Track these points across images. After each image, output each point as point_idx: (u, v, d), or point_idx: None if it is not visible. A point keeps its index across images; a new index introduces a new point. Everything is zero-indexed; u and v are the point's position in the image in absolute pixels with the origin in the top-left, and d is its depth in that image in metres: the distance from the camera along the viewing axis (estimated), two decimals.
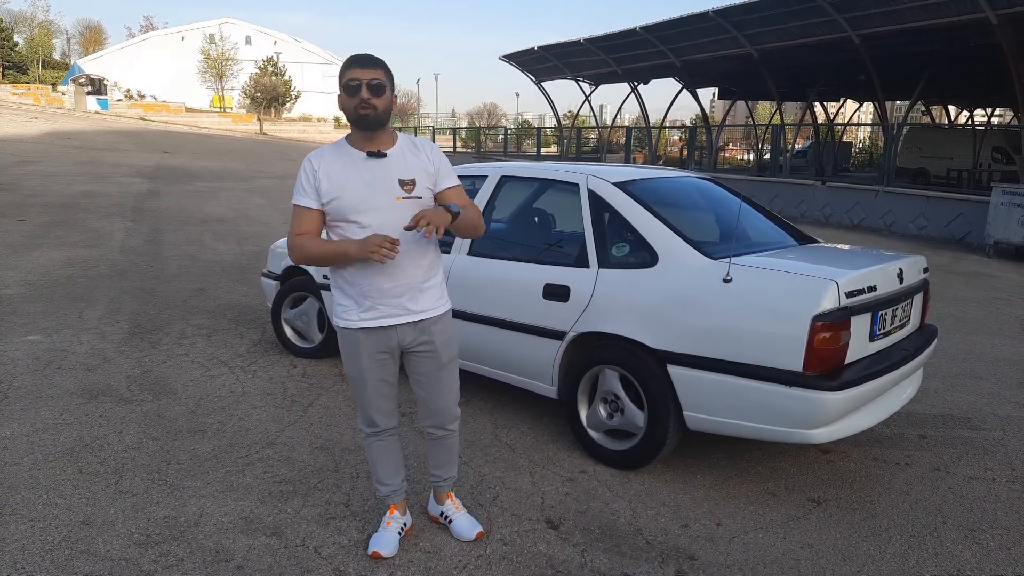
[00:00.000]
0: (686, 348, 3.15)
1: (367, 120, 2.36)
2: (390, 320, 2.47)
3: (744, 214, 3.92)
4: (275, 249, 5.33)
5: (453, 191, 2.51)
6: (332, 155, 2.45)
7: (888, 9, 14.89)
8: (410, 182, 2.42)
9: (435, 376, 2.62)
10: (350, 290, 2.48)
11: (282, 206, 14.11)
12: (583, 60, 26.39)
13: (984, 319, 6.93)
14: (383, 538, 2.71)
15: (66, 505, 2.95)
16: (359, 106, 2.33)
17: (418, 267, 2.48)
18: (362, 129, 2.41)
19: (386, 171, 2.41)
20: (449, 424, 2.74)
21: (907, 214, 13.94)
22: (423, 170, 2.46)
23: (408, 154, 2.47)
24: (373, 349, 2.51)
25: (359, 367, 2.54)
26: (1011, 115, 30.32)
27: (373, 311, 2.46)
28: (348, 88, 2.34)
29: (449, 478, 2.86)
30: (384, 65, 2.39)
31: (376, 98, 2.34)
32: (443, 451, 2.80)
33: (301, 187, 2.43)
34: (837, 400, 2.91)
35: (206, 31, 54.79)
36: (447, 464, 2.83)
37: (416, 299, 2.49)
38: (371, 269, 2.41)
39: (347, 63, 2.37)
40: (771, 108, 34.76)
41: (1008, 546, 2.89)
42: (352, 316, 2.48)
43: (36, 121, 32.51)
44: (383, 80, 2.36)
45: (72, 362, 4.71)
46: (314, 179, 2.41)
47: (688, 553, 2.77)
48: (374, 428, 2.67)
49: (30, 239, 9.28)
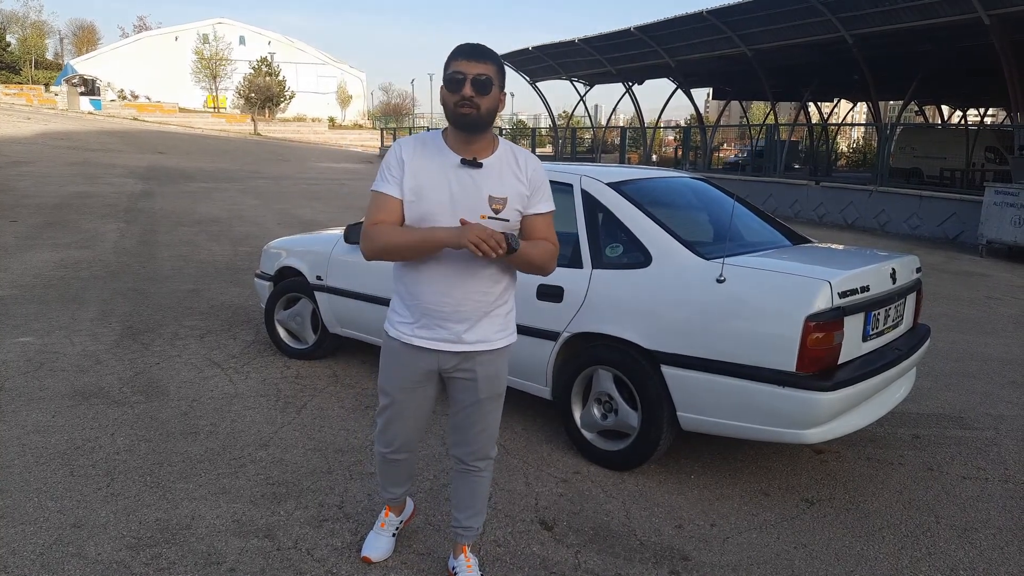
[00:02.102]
0: (680, 348, 3.15)
1: (467, 120, 2.11)
2: (441, 345, 2.25)
3: (737, 214, 3.93)
4: (269, 250, 5.31)
5: (540, 220, 2.25)
6: (425, 150, 2.20)
7: (882, 9, 14.96)
8: (501, 200, 2.16)
9: (470, 409, 2.37)
10: (412, 303, 2.26)
11: (276, 207, 14.09)
12: (578, 60, 26.42)
13: (977, 318, 6.95)
14: (376, 541, 2.67)
15: (57, 508, 2.93)
16: (460, 103, 2.08)
17: (487, 294, 2.24)
18: (461, 130, 2.15)
19: (478, 184, 2.15)
20: (476, 461, 2.45)
21: (900, 214, 13.98)
22: (517, 189, 2.20)
23: (506, 168, 2.20)
24: (412, 368, 2.31)
25: (392, 383, 2.35)
26: (1004, 115, 30.44)
27: (427, 330, 2.24)
28: (451, 82, 2.08)
29: (469, 528, 2.53)
30: (496, 59, 2.13)
31: (481, 96, 2.08)
32: (467, 489, 2.50)
33: (387, 172, 2.19)
34: (830, 400, 2.91)
35: (200, 31, 54.67)
36: (469, 508, 2.51)
37: (475, 328, 2.25)
38: (437, 286, 2.19)
39: (454, 53, 2.11)
40: (765, 108, 34.82)
41: (1001, 545, 2.90)
42: (405, 329, 2.28)
43: (29, 122, 32.38)
44: (492, 77, 2.09)
45: (64, 364, 4.68)
46: (400, 169, 2.17)
47: (682, 554, 2.77)
48: (388, 448, 2.48)
49: (22, 240, 9.24)
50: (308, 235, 5.42)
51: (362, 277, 4.37)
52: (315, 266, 4.76)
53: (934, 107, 31.19)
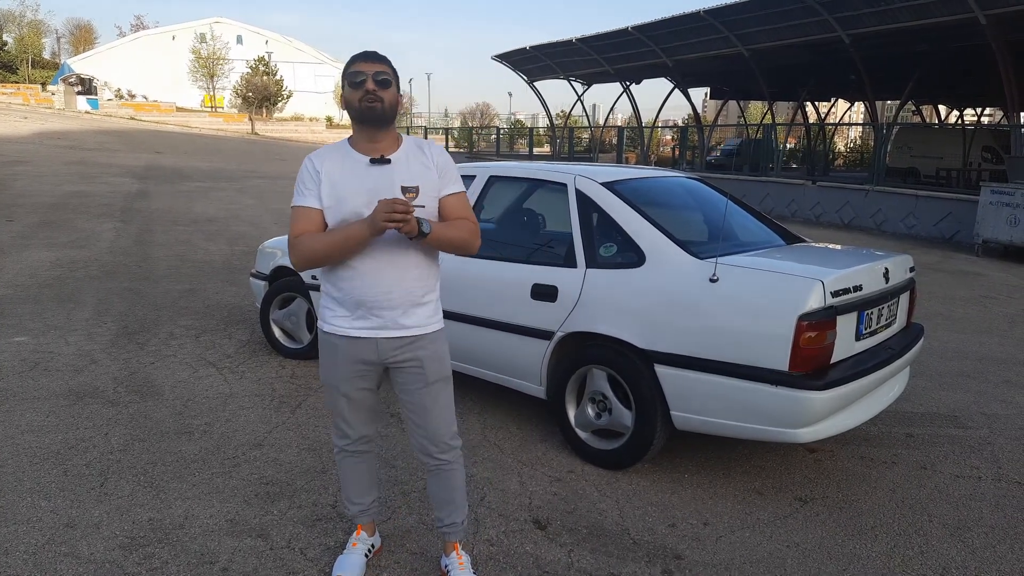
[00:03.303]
0: (673, 348, 3.16)
1: (374, 114, 2.25)
2: (380, 332, 2.33)
3: (732, 214, 3.93)
4: (264, 249, 5.31)
5: (454, 199, 2.36)
6: (334, 158, 2.33)
7: (878, 9, 14.99)
8: (413, 189, 2.29)
9: (420, 394, 2.41)
10: (343, 298, 2.34)
11: (273, 206, 14.07)
12: (575, 60, 26.43)
13: (972, 317, 6.97)
14: (347, 561, 2.57)
15: (50, 507, 2.93)
16: (364, 98, 2.23)
17: (418, 279, 2.34)
18: (368, 124, 2.28)
19: (389, 178, 2.28)
20: (439, 452, 2.46)
21: (897, 213, 14.00)
22: (427, 177, 2.33)
23: (413, 159, 2.34)
24: (353, 359, 2.37)
25: (335, 375, 2.41)
26: (1000, 115, 30.50)
27: (364, 320, 2.32)
28: (353, 82, 2.25)
29: (452, 524, 2.54)
30: (389, 62, 2.30)
31: (383, 90, 2.25)
32: (440, 486, 2.52)
33: (302, 187, 2.31)
34: (823, 399, 2.92)
35: (197, 30, 54.53)
36: (448, 505, 2.53)
37: (409, 313, 2.34)
38: (367, 278, 2.29)
39: (351, 60, 2.29)
40: (763, 108, 34.86)
41: (993, 544, 2.91)
42: (342, 323, 2.35)
43: (25, 121, 32.32)
44: (389, 76, 2.27)
45: (59, 363, 4.68)
46: (317, 179, 2.29)
47: (675, 553, 2.78)
48: (345, 440, 2.52)
49: (18, 239, 9.22)
50: None
51: None
52: None
53: (931, 107, 31.27)
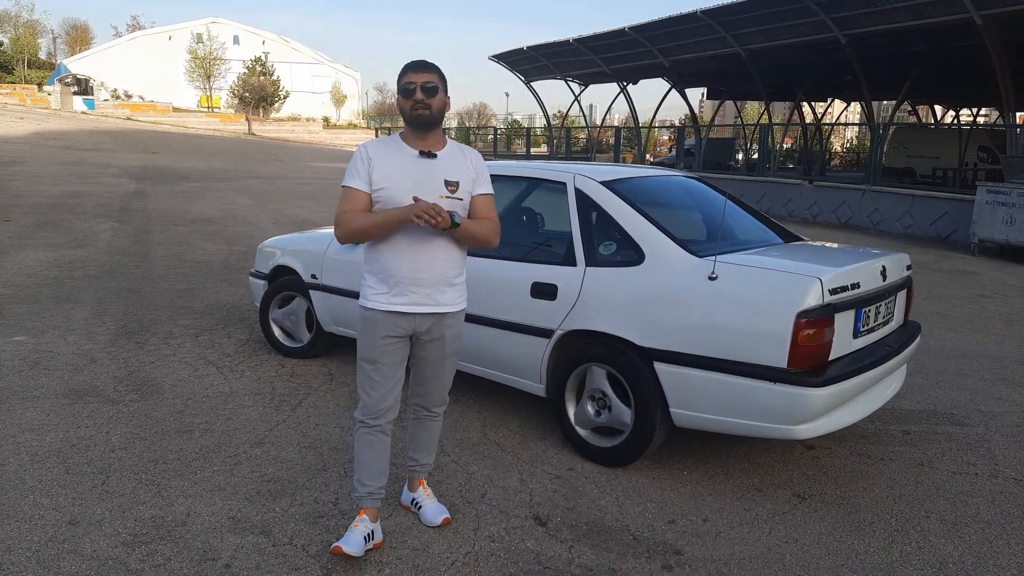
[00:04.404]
0: (672, 345, 3.18)
1: (422, 119, 2.54)
2: (417, 308, 2.60)
3: (730, 212, 3.95)
4: (263, 249, 5.32)
5: (483, 199, 2.66)
6: (387, 148, 2.61)
7: (874, 9, 15.01)
8: (454, 183, 2.58)
9: (436, 363, 2.75)
10: (384, 276, 2.59)
11: (270, 206, 14.07)
12: (572, 60, 26.43)
13: (968, 316, 7.00)
14: (349, 538, 2.62)
15: (52, 505, 2.94)
16: (414, 107, 2.51)
17: (448, 261, 2.62)
18: (417, 128, 2.57)
19: (434, 171, 2.57)
20: (436, 407, 2.89)
21: (893, 213, 14.05)
22: (466, 174, 2.62)
23: (455, 158, 2.63)
24: (389, 332, 2.60)
25: (372, 350, 2.62)
26: (996, 115, 30.60)
27: (403, 296, 2.58)
28: (404, 91, 2.53)
29: (426, 464, 2.98)
30: (438, 69, 2.57)
31: (431, 98, 2.52)
32: (426, 434, 2.93)
33: (354, 170, 2.56)
34: (821, 396, 2.94)
35: (194, 30, 54.42)
36: (427, 448, 2.96)
37: (444, 292, 2.63)
38: (407, 256, 2.56)
39: (404, 68, 2.55)
40: (759, 108, 34.91)
41: (990, 539, 2.93)
42: (381, 299, 2.59)
43: (22, 121, 32.25)
44: (437, 83, 2.53)
45: (59, 363, 4.68)
46: (368, 165, 2.55)
47: (675, 548, 2.80)
48: (372, 416, 2.67)
49: (16, 240, 9.22)
50: (302, 234, 5.42)
51: (357, 275, 4.37)
52: (310, 265, 4.77)
53: (927, 107, 31.34)
